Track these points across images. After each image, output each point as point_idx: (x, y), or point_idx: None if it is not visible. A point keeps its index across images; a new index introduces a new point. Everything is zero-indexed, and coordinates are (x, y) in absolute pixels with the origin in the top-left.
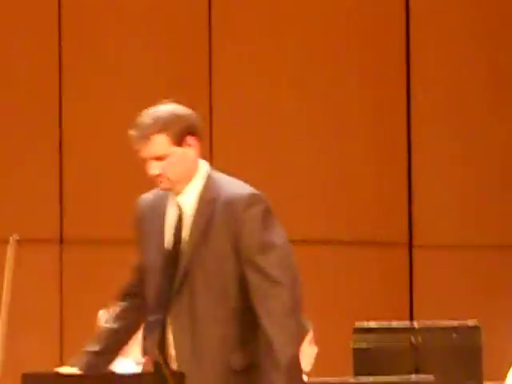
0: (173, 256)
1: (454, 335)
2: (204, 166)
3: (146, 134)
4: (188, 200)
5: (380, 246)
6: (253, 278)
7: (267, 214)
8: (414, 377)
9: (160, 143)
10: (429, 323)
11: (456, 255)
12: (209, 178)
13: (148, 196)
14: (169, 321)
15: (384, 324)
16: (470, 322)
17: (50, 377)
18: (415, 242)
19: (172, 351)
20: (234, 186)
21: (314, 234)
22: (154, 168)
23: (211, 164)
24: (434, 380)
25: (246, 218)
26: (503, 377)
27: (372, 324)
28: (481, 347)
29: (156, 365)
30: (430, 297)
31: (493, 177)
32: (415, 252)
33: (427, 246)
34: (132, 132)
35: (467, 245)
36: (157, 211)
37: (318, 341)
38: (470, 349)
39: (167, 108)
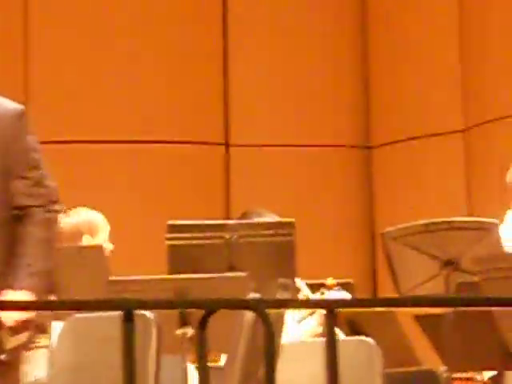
0: None
1: (269, 232)
2: None
3: None
4: None
5: (196, 146)
6: (21, 189)
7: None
8: (227, 274)
9: None
10: (243, 220)
11: (273, 155)
12: None
13: None
14: None
15: (198, 221)
16: (285, 219)
17: None
18: (232, 142)
19: None
20: None
21: (132, 134)
22: None
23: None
24: (246, 277)
25: (17, 134)
26: (316, 275)
27: (186, 221)
28: (294, 244)
29: None
30: (247, 197)
31: (311, 75)
32: (232, 152)
33: (244, 146)
34: None
35: (284, 144)
36: None
37: (135, 239)
38: (284, 245)
39: None
